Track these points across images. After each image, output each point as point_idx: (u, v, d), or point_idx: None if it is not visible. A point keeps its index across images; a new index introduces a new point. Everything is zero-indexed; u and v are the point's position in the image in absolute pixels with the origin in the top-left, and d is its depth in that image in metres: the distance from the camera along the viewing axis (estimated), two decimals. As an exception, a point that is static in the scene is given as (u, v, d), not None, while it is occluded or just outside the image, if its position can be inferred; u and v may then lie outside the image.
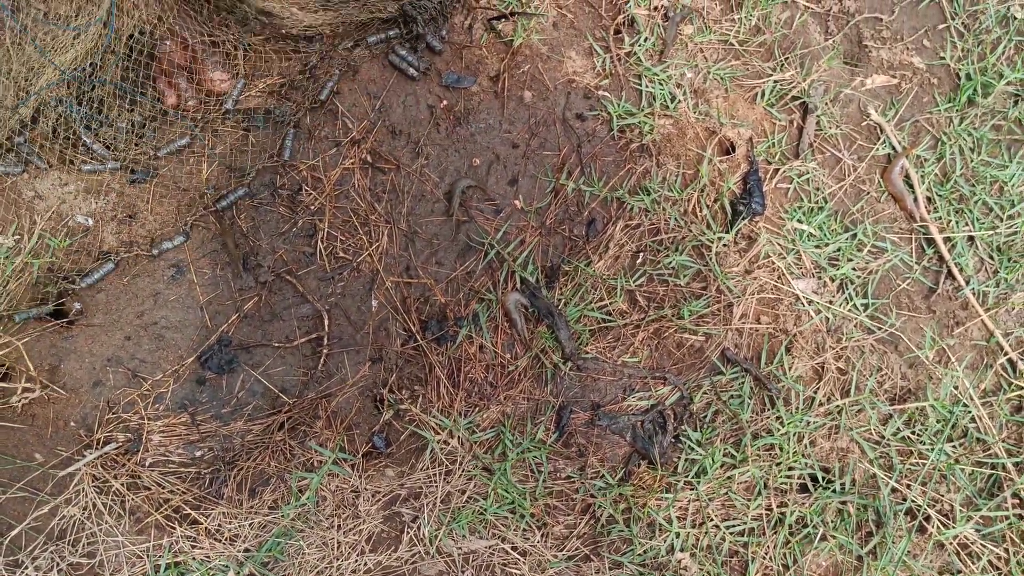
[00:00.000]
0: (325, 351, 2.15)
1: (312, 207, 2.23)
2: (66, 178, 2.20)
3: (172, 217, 2.22)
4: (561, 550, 2.07)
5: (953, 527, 2.09)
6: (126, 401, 2.09)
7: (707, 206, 2.26)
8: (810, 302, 2.22)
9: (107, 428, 2.06)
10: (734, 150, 2.31)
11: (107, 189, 2.22)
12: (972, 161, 2.35)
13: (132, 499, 2.01)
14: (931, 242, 2.30)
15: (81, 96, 2.17)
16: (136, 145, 2.25)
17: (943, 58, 2.42)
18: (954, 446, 2.15)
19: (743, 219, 2.22)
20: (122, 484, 2.01)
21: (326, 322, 2.16)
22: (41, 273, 2.11)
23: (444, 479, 2.06)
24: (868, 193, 2.32)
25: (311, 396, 2.13)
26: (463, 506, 2.05)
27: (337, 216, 2.23)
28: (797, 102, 2.36)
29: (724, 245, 2.23)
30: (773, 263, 2.23)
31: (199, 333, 2.15)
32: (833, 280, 2.25)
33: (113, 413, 2.07)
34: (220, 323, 2.16)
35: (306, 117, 2.27)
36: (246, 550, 2.02)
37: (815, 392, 2.16)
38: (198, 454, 2.08)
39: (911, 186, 2.32)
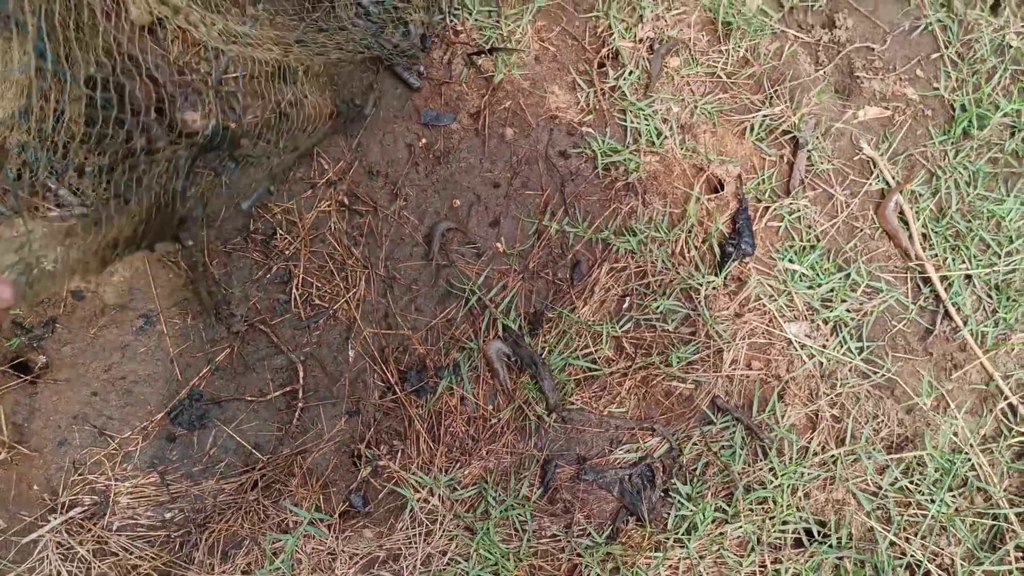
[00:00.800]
0: (300, 404, 2.07)
1: (287, 252, 2.15)
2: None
3: (141, 263, 2.14)
4: (547, 610, 1.99)
5: (954, 580, 2.01)
6: (92, 461, 2.00)
7: (695, 247, 2.18)
8: (803, 346, 2.14)
9: (72, 491, 1.98)
10: (722, 187, 2.23)
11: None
12: (968, 195, 2.27)
13: (98, 566, 1.93)
14: (927, 281, 2.22)
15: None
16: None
17: (937, 89, 2.35)
18: (954, 496, 2.07)
19: (733, 261, 2.14)
20: (88, 551, 1.93)
21: (301, 374, 2.08)
22: (4, 324, 2.03)
23: (424, 540, 1.98)
24: (862, 230, 2.25)
25: (286, 452, 2.05)
26: (444, 569, 1.97)
27: (313, 261, 2.16)
28: (787, 136, 2.28)
29: (713, 288, 2.15)
30: (764, 306, 2.16)
31: (169, 387, 2.07)
32: (826, 322, 2.17)
33: (79, 474, 1.99)
34: (191, 376, 2.08)
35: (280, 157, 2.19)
36: (219, 616, 1.94)
37: (809, 441, 2.08)
38: (168, 516, 2.00)
39: (906, 223, 2.24)
